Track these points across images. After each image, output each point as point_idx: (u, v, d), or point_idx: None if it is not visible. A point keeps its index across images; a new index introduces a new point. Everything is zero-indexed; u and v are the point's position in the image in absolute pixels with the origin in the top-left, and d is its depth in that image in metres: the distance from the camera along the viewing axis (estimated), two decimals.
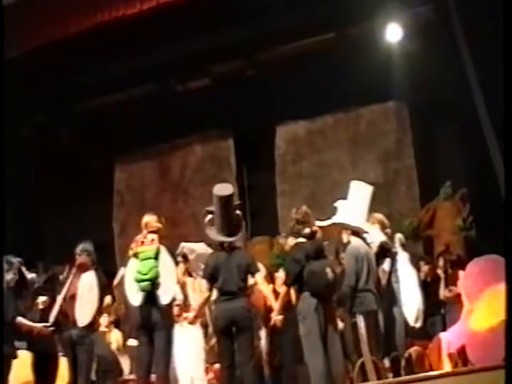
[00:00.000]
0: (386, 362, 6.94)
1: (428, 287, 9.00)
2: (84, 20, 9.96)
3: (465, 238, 9.34)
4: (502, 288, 6.70)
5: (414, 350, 7.24)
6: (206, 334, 8.04)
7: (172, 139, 11.95)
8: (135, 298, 6.61)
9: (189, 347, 7.72)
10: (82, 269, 7.29)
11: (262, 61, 10.96)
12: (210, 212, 6.65)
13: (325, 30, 10.42)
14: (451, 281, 8.55)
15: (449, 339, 7.17)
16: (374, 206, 7.53)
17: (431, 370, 7.02)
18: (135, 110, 11.50)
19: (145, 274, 6.53)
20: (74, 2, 10.10)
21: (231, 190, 6.65)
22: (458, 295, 7.86)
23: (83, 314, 7.17)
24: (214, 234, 6.66)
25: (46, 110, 11.47)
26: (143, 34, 10.19)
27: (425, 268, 9.11)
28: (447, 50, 9.30)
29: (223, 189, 6.66)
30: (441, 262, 8.86)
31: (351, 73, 9.95)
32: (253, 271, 6.61)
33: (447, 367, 6.88)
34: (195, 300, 7.89)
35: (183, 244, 8.31)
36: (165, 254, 6.61)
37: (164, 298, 6.52)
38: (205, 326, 8.00)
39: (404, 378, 6.59)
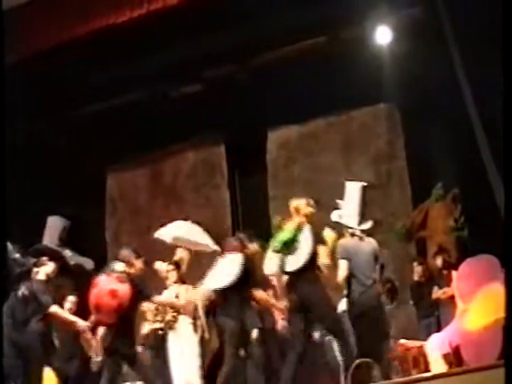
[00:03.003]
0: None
1: (422, 288, 9.03)
2: (75, 28, 9.95)
3: (457, 238, 9.36)
4: (495, 287, 6.74)
5: (409, 351, 7.26)
6: (202, 339, 8.03)
7: (164, 145, 11.93)
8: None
9: (184, 353, 7.72)
10: None
11: (254, 65, 10.97)
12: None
13: (315, 33, 10.43)
14: (445, 282, 8.57)
15: (443, 340, 7.19)
16: (367, 207, 7.60)
17: (426, 370, 7.03)
18: (127, 116, 11.49)
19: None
20: (65, 10, 10.11)
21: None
22: (452, 296, 7.88)
23: None
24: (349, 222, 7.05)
25: (39, 117, 11.44)
26: (134, 41, 10.19)
27: (418, 269, 9.13)
28: (438, 52, 9.33)
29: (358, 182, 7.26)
30: (439, 262, 8.87)
31: (342, 75, 9.97)
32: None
33: (442, 368, 6.89)
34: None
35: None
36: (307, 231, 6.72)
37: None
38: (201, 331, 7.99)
39: (400, 379, 6.61)
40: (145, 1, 9.77)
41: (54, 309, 7.02)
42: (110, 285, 6.83)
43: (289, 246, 6.60)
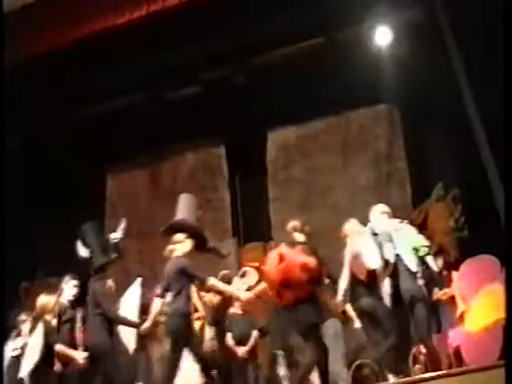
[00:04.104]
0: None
1: None
2: (75, 29, 9.96)
3: (457, 238, 9.35)
4: (495, 288, 6.75)
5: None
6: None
7: (163, 148, 11.93)
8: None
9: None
10: None
11: (253, 67, 10.97)
12: None
13: (314, 34, 10.44)
14: (445, 282, 8.55)
15: (444, 340, 7.20)
16: (368, 208, 7.60)
17: (427, 371, 7.03)
18: (126, 119, 11.47)
19: None
20: (65, 12, 10.10)
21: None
22: (452, 297, 7.87)
23: None
24: None
25: (39, 118, 11.43)
26: (132, 43, 10.19)
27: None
28: (437, 52, 9.34)
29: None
30: (439, 262, 8.85)
31: (341, 77, 9.97)
32: None
33: (444, 368, 6.89)
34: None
35: None
36: None
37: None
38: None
39: (401, 379, 6.60)
40: (144, 3, 9.78)
41: (212, 281, 6.96)
42: (299, 258, 6.50)
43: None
